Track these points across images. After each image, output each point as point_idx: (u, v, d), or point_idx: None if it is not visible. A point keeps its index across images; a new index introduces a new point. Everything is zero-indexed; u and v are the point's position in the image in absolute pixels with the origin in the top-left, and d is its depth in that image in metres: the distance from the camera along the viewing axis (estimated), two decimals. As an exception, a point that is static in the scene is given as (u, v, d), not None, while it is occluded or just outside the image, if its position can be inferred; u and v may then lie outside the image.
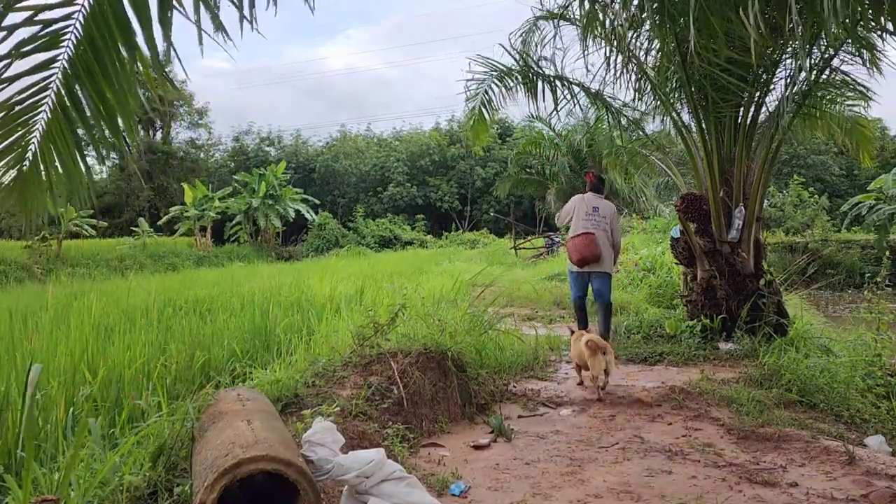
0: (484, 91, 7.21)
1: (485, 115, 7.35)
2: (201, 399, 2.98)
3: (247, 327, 6.10)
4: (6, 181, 2.76)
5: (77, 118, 2.63)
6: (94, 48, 2.47)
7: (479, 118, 7.36)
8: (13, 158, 2.71)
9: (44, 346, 4.82)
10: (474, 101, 7.30)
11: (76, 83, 2.55)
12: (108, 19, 2.42)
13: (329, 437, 2.60)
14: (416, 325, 4.74)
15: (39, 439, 3.26)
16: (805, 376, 4.64)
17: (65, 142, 2.68)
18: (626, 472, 3.35)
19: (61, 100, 2.59)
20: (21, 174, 2.74)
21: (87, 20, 2.43)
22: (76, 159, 2.74)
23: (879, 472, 3.28)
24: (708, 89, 5.93)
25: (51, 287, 10.30)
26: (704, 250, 6.41)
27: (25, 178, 2.75)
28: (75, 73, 2.53)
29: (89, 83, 2.54)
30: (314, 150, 42.10)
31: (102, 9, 2.41)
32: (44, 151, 2.71)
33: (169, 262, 23.20)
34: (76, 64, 2.50)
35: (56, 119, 2.62)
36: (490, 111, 7.35)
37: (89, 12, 2.42)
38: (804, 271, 12.45)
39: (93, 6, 2.41)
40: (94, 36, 2.44)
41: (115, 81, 2.52)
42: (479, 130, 7.52)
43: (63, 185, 2.78)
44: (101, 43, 2.46)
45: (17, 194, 2.77)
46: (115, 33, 2.46)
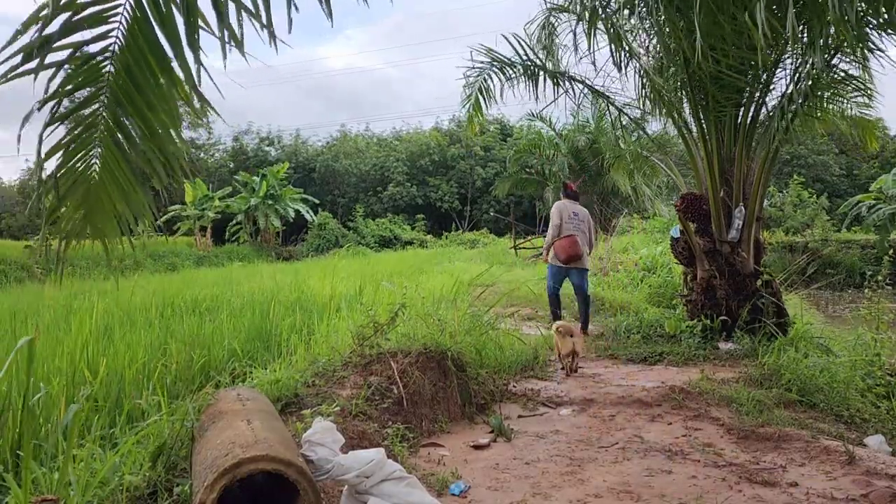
0: (483, 79, 7.21)
1: (481, 102, 7.34)
2: (201, 399, 2.98)
3: (247, 327, 6.09)
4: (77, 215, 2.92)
5: (127, 144, 2.78)
6: (132, 76, 2.60)
7: (475, 105, 7.36)
8: (81, 192, 2.85)
9: (44, 345, 4.81)
10: (472, 88, 7.31)
11: (120, 111, 2.69)
12: (141, 47, 2.54)
13: (329, 437, 2.60)
14: (416, 325, 4.74)
15: (40, 439, 3.26)
16: (805, 376, 4.64)
17: (120, 169, 2.81)
18: (626, 472, 3.35)
19: (110, 129, 2.72)
20: (88, 205, 2.88)
21: (122, 50, 2.54)
22: (134, 184, 2.86)
23: (879, 471, 3.28)
24: (709, 89, 5.93)
25: (49, 287, 10.30)
26: (704, 250, 6.42)
27: (92, 208, 2.90)
28: (118, 101, 2.66)
29: (132, 110, 2.68)
30: (314, 150, 42.08)
31: (136, 37, 2.52)
32: (105, 181, 2.84)
33: (169, 262, 23.19)
34: (118, 93, 2.64)
35: (108, 149, 2.76)
36: (487, 99, 7.33)
37: (124, 43, 2.53)
38: (804, 271, 12.46)
39: (126, 36, 2.51)
40: (130, 64, 2.57)
41: (155, 105, 2.66)
42: (474, 115, 7.51)
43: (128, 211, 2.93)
44: (138, 70, 2.59)
45: (90, 225, 2.94)
46: (149, 60, 2.57)
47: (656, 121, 8.00)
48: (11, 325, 5.94)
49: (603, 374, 5.45)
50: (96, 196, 2.87)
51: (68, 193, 2.83)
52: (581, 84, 7.18)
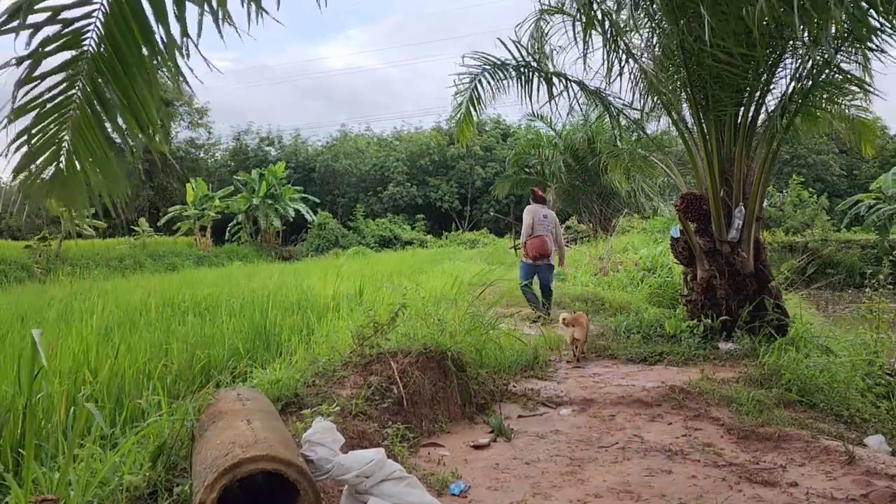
0: (474, 87, 7.16)
1: (471, 111, 7.29)
2: (201, 399, 2.98)
3: (247, 327, 6.10)
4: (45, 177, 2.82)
5: (103, 113, 2.71)
6: (115, 45, 2.55)
7: (465, 114, 7.32)
8: (50, 154, 2.77)
9: (45, 346, 4.81)
10: (462, 96, 7.26)
11: (100, 78, 2.63)
12: (126, 16, 2.49)
13: (329, 437, 2.60)
14: (416, 325, 4.74)
15: (40, 439, 3.26)
16: (805, 376, 4.64)
17: (95, 136, 2.74)
18: (626, 472, 3.35)
19: (87, 96, 2.66)
20: (59, 170, 2.79)
21: (106, 18, 2.50)
22: (108, 153, 2.80)
23: (879, 471, 3.28)
24: (709, 88, 5.93)
25: (49, 287, 10.30)
26: (704, 250, 6.42)
27: (63, 174, 2.81)
28: (98, 69, 2.60)
29: (112, 78, 2.62)
30: (314, 150, 42.07)
31: (121, 6, 2.47)
32: (77, 147, 2.76)
33: (169, 262, 23.17)
34: (99, 61, 2.58)
35: (85, 115, 2.69)
36: (477, 108, 7.29)
37: (108, 10, 2.48)
38: (804, 271, 12.45)
39: (111, 4, 2.47)
40: (114, 33, 2.52)
41: (137, 76, 2.60)
42: (465, 126, 7.48)
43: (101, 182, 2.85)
44: (122, 39, 2.53)
45: (58, 190, 2.82)
46: (133, 29, 2.51)
47: (656, 121, 8.01)
48: (11, 325, 5.95)
49: (603, 374, 5.45)
50: (68, 160, 2.78)
51: (37, 153, 2.74)
52: (577, 85, 7.16)
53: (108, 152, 2.79)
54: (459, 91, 7.27)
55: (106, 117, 2.73)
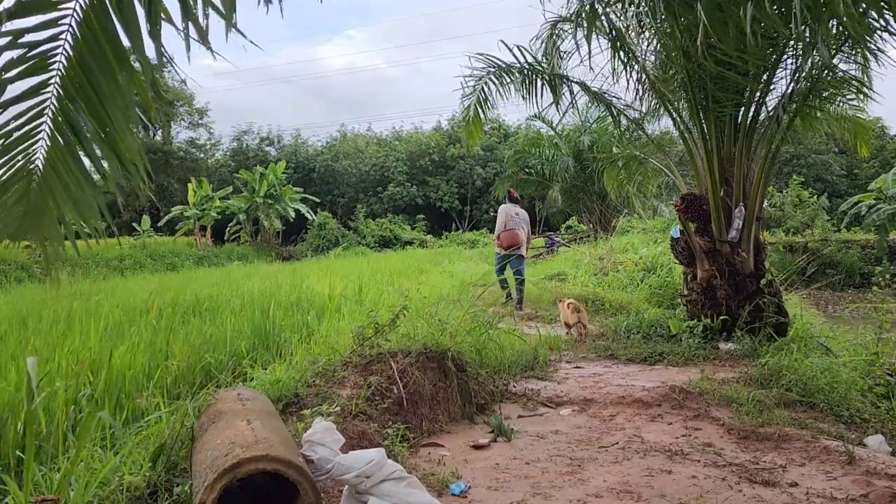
0: (480, 89, 7.17)
1: (480, 113, 7.30)
2: (201, 399, 2.98)
3: (247, 327, 6.10)
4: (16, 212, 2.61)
5: (76, 140, 2.52)
6: (86, 68, 2.38)
7: (474, 117, 7.32)
8: (20, 188, 2.57)
9: (45, 347, 4.82)
10: (470, 99, 7.26)
11: (72, 105, 2.45)
12: (98, 37, 2.34)
13: (329, 437, 2.60)
14: (416, 325, 4.74)
15: (41, 439, 3.26)
16: (805, 376, 4.63)
17: (67, 166, 2.54)
18: (626, 472, 3.35)
19: (58, 124, 2.49)
20: (30, 204, 2.58)
21: (76, 40, 2.34)
22: (83, 185, 2.58)
23: (879, 471, 3.28)
24: (709, 89, 5.93)
25: (49, 288, 10.30)
26: (704, 250, 6.42)
27: (34, 207, 2.61)
28: (69, 94, 2.43)
29: (84, 103, 2.44)
30: (314, 150, 42.09)
31: (91, 27, 2.32)
32: (48, 179, 2.56)
33: (169, 262, 23.17)
34: (69, 85, 2.41)
35: (55, 144, 2.51)
36: (485, 109, 7.30)
37: (78, 32, 2.33)
38: (804, 271, 12.45)
39: (81, 25, 2.32)
40: (84, 55, 2.36)
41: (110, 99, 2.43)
42: (474, 129, 7.49)
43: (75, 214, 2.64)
44: (93, 61, 2.37)
45: (29, 224, 2.61)
46: (105, 51, 2.35)
47: (656, 122, 8.01)
48: (11, 326, 5.95)
49: (603, 374, 5.45)
50: (38, 195, 2.57)
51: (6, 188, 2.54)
52: (580, 86, 7.17)
53: (82, 184, 2.57)
54: (466, 94, 7.28)
55: (80, 147, 2.52)
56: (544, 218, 32.01)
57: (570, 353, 6.28)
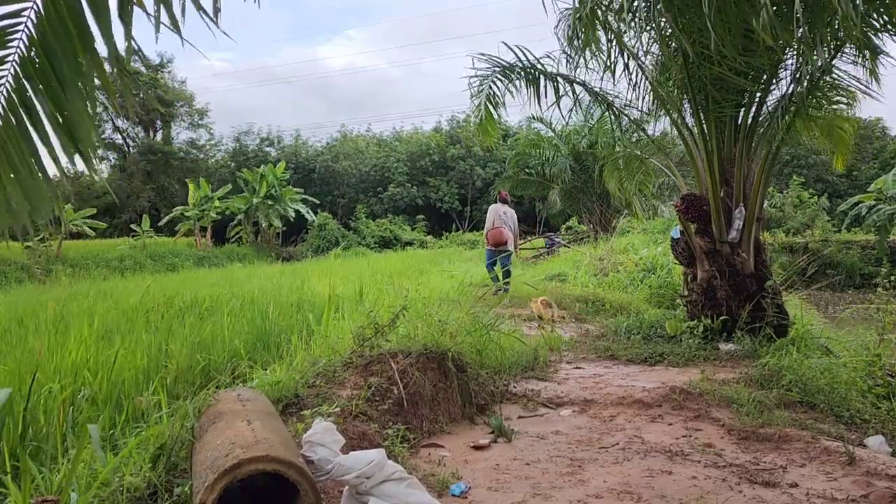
0: (489, 87, 7.14)
1: (492, 111, 7.25)
2: (201, 399, 2.98)
3: (247, 328, 6.10)
4: None
5: (31, 125, 2.37)
6: (48, 49, 2.27)
7: (486, 115, 7.26)
8: None
9: (44, 346, 4.81)
10: (480, 97, 7.23)
11: (29, 86, 2.32)
12: (63, 17, 2.21)
13: (329, 438, 2.60)
14: (416, 326, 4.73)
15: (40, 440, 3.26)
16: (805, 377, 4.63)
17: (20, 151, 2.38)
18: (626, 473, 3.35)
19: (12, 105, 2.34)
20: None
21: (39, 18, 2.22)
22: (34, 171, 2.42)
23: (879, 472, 3.28)
24: (709, 89, 5.93)
25: (49, 288, 10.30)
26: (704, 250, 6.42)
27: None
28: (27, 74, 2.30)
29: (43, 86, 2.32)
30: (314, 151, 42.08)
31: (57, 6, 2.19)
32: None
33: (169, 263, 23.17)
34: (27, 65, 2.29)
35: (8, 126, 2.36)
36: (496, 107, 7.26)
37: (42, 10, 2.20)
38: (804, 271, 12.46)
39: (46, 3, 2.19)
40: (47, 34, 2.23)
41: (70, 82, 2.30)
42: (489, 126, 7.41)
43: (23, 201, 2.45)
44: (56, 42, 2.24)
45: None
46: (71, 32, 2.22)
47: (656, 122, 8.00)
48: (10, 327, 5.94)
49: (603, 375, 5.45)
50: None
51: None
52: (581, 87, 7.16)
53: (33, 170, 2.42)
54: (475, 94, 7.25)
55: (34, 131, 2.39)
56: (544, 218, 31.99)
57: (571, 353, 6.28)
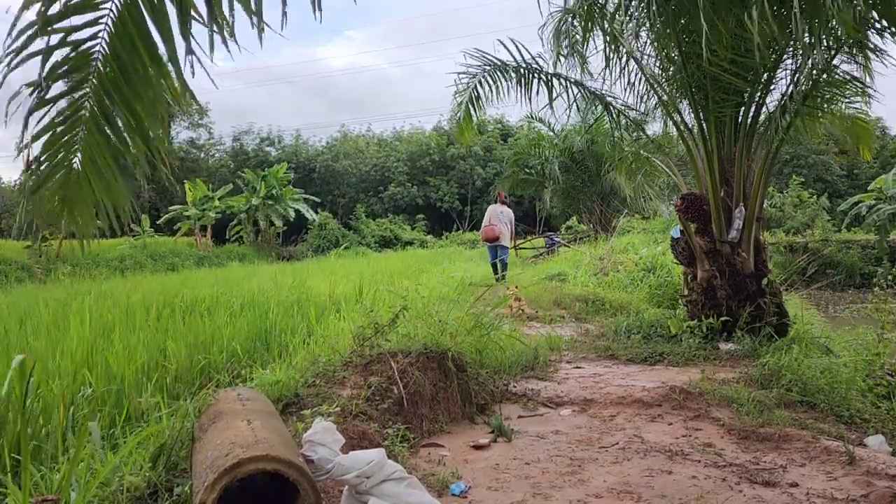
0: (473, 87, 7.11)
1: (471, 112, 7.23)
2: (201, 399, 2.98)
3: (247, 327, 6.10)
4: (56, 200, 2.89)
5: (111, 133, 2.76)
6: (121, 64, 2.58)
7: (465, 114, 7.26)
8: (61, 178, 2.83)
9: (44, 346, 4.81)
10: (462, 96, 7.20)
11: (107, 100, 2.67)
12: (131, 35, 2.52)
13: (329, 437, 2.60)
14: (416, 325, 4.73)
15: (40, 439, 3.26)
16: (805, 376, 4.63)
17: (103, 158, 2.78)
18: (626, 472, 3.35)
19: (95, 117, 2.71)
20: (68, 193, 2.85)
21: (112, 38, 2.53)
22: (116, 174, 2.83)
23: (880, 472, 3.28)
24: (709, 89, 5.92)
25: (49, 288, 10.30)
26: (704, 250, 6.41)
27: (72, 196, 2.86)
28: (105, 90, 2.64)
29: (119, 98, 2.66)
30: (314, 150, 42.09)
31: (126, 25, 2.50)
32: (86, 169, 2.81)
33: (169, 262, 23.18)
34: (105, 82, 2.62)
35: (93, 136, 2.74)
36: (476, 108, 7.24)
37: (113, 30, 2.52)
38: (804, 271, 12.46)
39: (116, 23, 2.50)
40: (119, 52, 2.56)
41: (142, 94, 2.65)
42: (465, 127, 7.43)
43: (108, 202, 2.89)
44: (127, 58, 2.56)
45: (68, 213, 2.88)
46: (139, 48, 2.54)
47: (656, 122, 8.00)
48: (9, 326, 5.94)
49: (603, 374, 5.45)
50: (76, 183, 2.84)
51: (48, 177, 2.80)
52: (577, 86, 7.14)
53: (115, 173, 2.82)
54: (459, 91, 7.23)
55: (114, 137, 2.76)
56: (544, 218, 31.99)
57: (571, 353, 6.28)
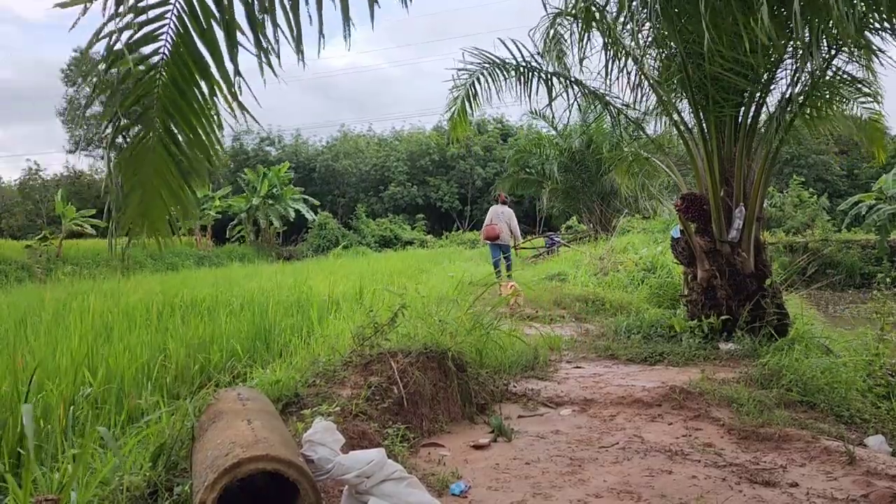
0: (471, 84, 7.11)
1: (466, 107, 7.23)
2: (201, 399, 2.98)
3: (246, 327, 6.10)
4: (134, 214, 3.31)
5: (175, 150, 3.17)
6: (178, 88, 2.97)
7: (460, 109, 7.26)
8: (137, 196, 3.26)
9: (44, 346, 4.81)
10: (459, 92, 7.20)
11: (168, 119, 3.06)
12: (186, 62, 2.90)
13: (329, 437, 2.60)
14: (416, 325, 4.73)
15: (40, 439, 3.26)
16: (806, 376, 4.63)
17: (170, 171, 3.19)
18: (626, 472, 3.35)
19: (160, 136, 3.10)
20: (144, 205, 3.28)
21: (168, 65, 2.92)
22: (182, 185, 3.25)
23: (880, 472, 3.28)
24: (709, 89, 5.92)
25: (49, 288, 10.30)
26: (704, 250, 6.41)
27: (147, 207, 3.29)
28: (167, 111, 3.02)
29: (179, 117, 3.06)
30: (314, 150, 42.06)
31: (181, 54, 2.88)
32: (155, 183, 3.22)
33: (169, 262, 23.18)
34: (166, 103, 3.00)
35: (160, 153, 3.14)
36: (473, 105, 7.24)
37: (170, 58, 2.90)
38: (804, 271, 12.47)
39: (173, 52, 2.87)
40: (176, 77, 2.95)
41: (198, 112, 3.05)
42: (459, 122, 7.44)
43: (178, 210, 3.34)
44: (183, 83, 2.95)
45: (148, 226, 3.35)
46: (193, 72, 2.93)
47: (656, 121, 7.99)
48: (9, 326, 5.94)
49: (603, 374, 5.45)
50: (150, 197, 3.26)
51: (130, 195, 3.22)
52: (577, 86, 7.14)
53: (181, 184, 3.24)
54: (456, 86, 7.23)
55: (178, 152, 3.17)
56: (544, 218, 31.99)
57: (571, 353, 6.29)
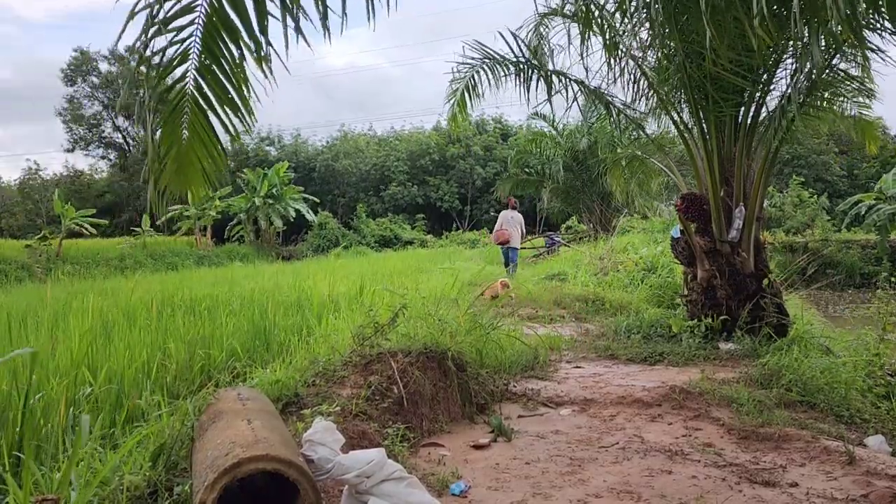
0: (471, 76, 7.11)
1: (466, 99, 7.22)
2: (201, 398, 2.98)
3: (246, 327, 6.09)
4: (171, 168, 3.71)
5: (208, 108, 3.51)
6: (211, 53, 3.32)
7: (459, 101, 7.26)
8: (174, 150, 3.63)
9: (44, 346, 4.81)
10: (459, 84, 7.21)
11: (202, 81, 3.41)
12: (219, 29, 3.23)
13: (329, 437, 2.60)
14: (416, 325, 4.73)
15: (40, 439, 3.26)
16: (805, 376, 4.63)
17: (204, 130, 3.58)
18: (626, 472, 3.35)
19: (194, 97, 3.47)
20: (180, 161, 3.67)
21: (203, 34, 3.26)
22: (213, 141, 3.63)
23: (879, 472, 3.28)
24: (708, 89, 5.92)
25: (49, 287, 10.30)
26: (704, 250, 6.41)
27: (183, 163, 3.68)
28: (201, 74, 3.39)
29: (212, 80, 3.41)
30: (314, 150, 42.01)
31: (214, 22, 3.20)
32: (191, 140, 3.61)
33: (169, 262, 23.18)
34: (201, 67, 3.37)
35: (195, 113, 3.52)
36: (473, 97, 7.24)
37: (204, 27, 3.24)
38: (804, 271, 12.47)
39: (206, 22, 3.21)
40: (210, 44, 3.29)
41: (229, 75, 3.40)
42: (458, 111, 7.41)
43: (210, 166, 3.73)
44: (216, 49, 3.30)
45: (182, 177, 3.74)
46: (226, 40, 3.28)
47: (656, 121, 7.99)
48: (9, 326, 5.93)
49: (603, 374, 5.45)
50: (185, 153, 3.63)
51: (168, 151, 3.59)
52: (577, 84, 7.13)
53: (212, 138, 3.62)
54: (457, 78, 7.23)
55: (209, 109, 3.51)
56: (544, 218, 31.97)
57: (571, 353, 6.29)
